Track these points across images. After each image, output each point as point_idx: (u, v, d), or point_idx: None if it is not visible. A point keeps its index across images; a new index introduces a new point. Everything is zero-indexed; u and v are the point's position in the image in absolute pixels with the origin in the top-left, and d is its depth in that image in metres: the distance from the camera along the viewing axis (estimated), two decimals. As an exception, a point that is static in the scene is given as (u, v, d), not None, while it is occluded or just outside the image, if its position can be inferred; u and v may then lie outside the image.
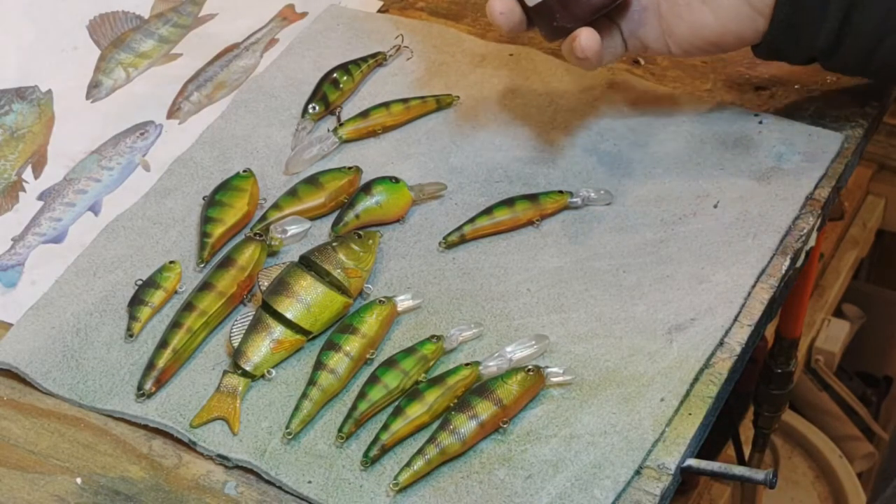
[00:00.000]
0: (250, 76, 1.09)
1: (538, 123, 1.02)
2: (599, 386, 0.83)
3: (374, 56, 1.09)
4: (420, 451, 0.79)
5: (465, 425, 0.79)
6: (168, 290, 0.90)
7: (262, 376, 0.85)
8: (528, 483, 0.78)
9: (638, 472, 0.79)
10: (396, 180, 0.96)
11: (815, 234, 0.94)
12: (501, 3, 0.89)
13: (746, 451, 1.47)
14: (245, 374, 0.84)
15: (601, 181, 0.97)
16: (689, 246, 0.92)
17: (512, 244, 0.93)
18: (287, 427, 0.81)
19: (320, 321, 0.86)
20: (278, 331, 0.86)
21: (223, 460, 0.81)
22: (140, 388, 0.84)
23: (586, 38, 0.87)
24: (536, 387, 0.83)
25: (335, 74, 1.06)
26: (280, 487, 0.80)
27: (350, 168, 0.98)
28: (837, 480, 1.83)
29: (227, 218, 0.94)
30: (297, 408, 0.82)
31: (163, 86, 1.09)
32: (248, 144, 1.02)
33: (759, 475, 0.81)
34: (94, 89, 1.09)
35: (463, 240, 0.94)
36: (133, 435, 0.84)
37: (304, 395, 0.82)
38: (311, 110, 1.04)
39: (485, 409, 0.80)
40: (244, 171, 0.98)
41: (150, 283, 0.90)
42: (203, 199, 0.97)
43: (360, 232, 0.91)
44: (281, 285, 0.86)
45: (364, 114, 1.03)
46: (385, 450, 0.80)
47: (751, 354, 0.88)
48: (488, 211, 0.94)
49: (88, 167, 1.02)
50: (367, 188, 0.95)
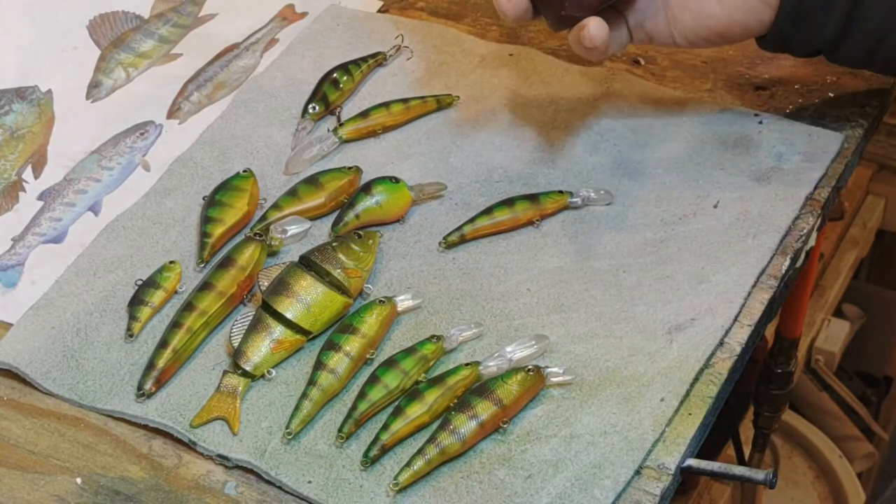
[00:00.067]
0: (250, 76, 1.09)
1: (538, 123, 1.02)
2: (599, 386, 0.83)
3: (374, 56, 1.09)
4: (420, 451, 0.79)
5: (465, 425, 0.79)
6: (168, 290, 0.90)
7: (262, 376, 0.85)
8: (528, 483, 0.78)
9: (638, 472, 0.79)
10: (396, 180, 0.96)
11: (815, 234, 0.94)
12: None
13: (746, 451, 1.47)
14: (245, 374, 0.84)
15: (601, 181, 0.97)
16: (689, 246, 0.92)
17: (512, 244, 0.93)
18: (287, 427, 0.81)
19: (320, 321, 0.86)
20: (278, 331, 0.86)
21: (223, 460, 0.81)
22: (140, 388, 0.84)
23: (595, 28, 0.87)
24: (536, 387, 0.83)
25: (335, 74, 1.06)
26: (280, 487, 0.80)
27: (350, 168, 0.98)
28: (837, 480, 1.83)
29: (227, 218, 0.94)
30: (297, 408, 0.82)
31: (163, 86, 1.09)
32: (248, 144, 1.02)
33: (759, 475, 0.81)
34: (94, 89, 1.09)
35: (463, 240, 0.94)
36: (133, 435, 0.84)
37: (304, 395, 0.82)
38: (311, 110, 1.03)
39: (485, 409, 0.80)
40: (244, 171, 0.98)
41: (150, 283, 0.90)
42: (203, 199, 0.97)
43: (360, 232, 0.91)
44: (281, 285, 0.86)
45: (364, 114, 1.03)
46: (385, 450, 0.80)
47: (751, 354, 0.88)
48: (488, 211, 0.94)
49: (88, 167, 1.02)
50: (367, 188, 0.95)
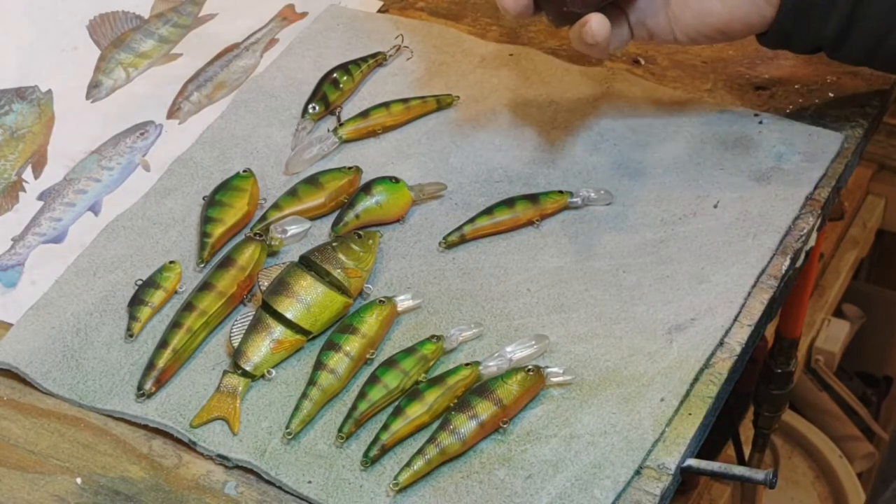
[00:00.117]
0: (250, 76, 1.09)
1: (538, 123, 1.02)
2: (599, 386, 0.83)
3: (374, 56, 1.09)
4: (420, 451, 0.79)
5: (465, 425, 0.79)
6: (168, 290, 0.90)
7: (262, 376, 0.85)
8: (528, 483, 0.78)
9: (638, 472, 0.79)
10: (396, 180, 0.96)
11: (815, 234, 0.94)
12: None
13: (746, 451, 1.47)
14: (245, 374, 0.84)
15: (601, 181, 0.97)
16: (689, 246, 0.92)
17: (512, 244, 0.93)
18: (287, 427, 0.81)
19: (320, 321, 0.86)
20: (278, 331, 0.86)
21: (223, 460, 0.81)
22: (140, 388, 0.84)
23: (597, 24, 0.87)
24: (536, 387, 0.83)
25: (335, 74, 1.06)
26: (280, 487, 0.80)
27: (350, 168, 0.98)
28: (837, 480, 1.83)
29: (227, 218, 0.94)
30: (297, 408, 0.82)
31: (163, 86, 1.09)
32: (248, 144, 1.02)
33: (759, 475, 0.81)
34: (94, 89, 1.09)
35: (463, 240, 0.94)
36: (133, 435, 0.84)
37: (304, 395, 0.82)
38: (311, 110, 1.03)
39: (485, 409, 0.80)
40: (244, 171, 0.98)
41: (150, 283, 0.90)
42: (203, 199, 0.97)
43: (360, 232, 0.91)
44: (281, 285, 0.86)
45: (364, 114, 1.03)
46: (385, 450, 0.80)
47: (751, 354, 0.88)
48: (488, 211, 0.94)
49: (88, 167, 1.02)
50: (367, 188, 0.95)
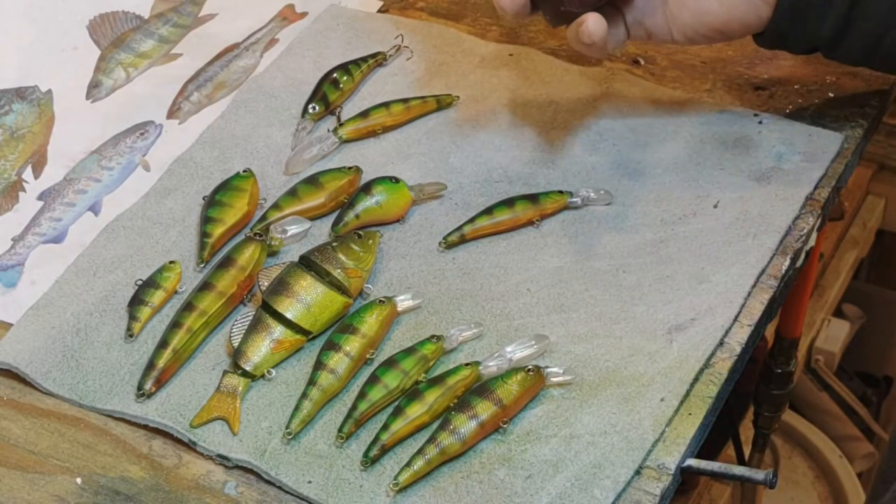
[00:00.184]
0: (250, 76, 1.09)
1: (538, 123, 1.02)
2: (599, 386, 0.83)
3: (374, 56, 1.09)
4: (420, 451, 0.79)
5: (465, 425, 0.79)
6: (168, 290, 0.90)
7: (262, 376, 0.85)
8: (528, 483, 0.78)
9: (638, 472, 0.79)
10: (396, 180, 0.96)
11: (815, 234, 0.94)
12: None
13: (746, 451, 1.47)
14: (245, 374, 0.84)
15: (601, 181, 0.97)
16: (689, 246, 0.92)
17: (512, 244, 0.93)
18: (287, 427, 0.81)
19: (320, 321, 0.86)
20: (278, 331, 0.86)
21: (223, 460, 0.81)
22: (140, 388, 0.84)
23: (594, 23, 0.87)
24: (536, 387, 0.83)
25: (335, 74, 1.06)
26: (280, 487, 0.80)
27: (350, 168, 0.98)
28: (837, 480, 1.83)
29: (227, 218, 0.94)
30: (297, 408, 0.82)
31: (163, 86, 1.09)
32: (248, 144, 1.02)
33: (759, 475, 0.81)
34: (94, 89, 1.09)
35: (463, 240, 0.94)
36: (133, 435, 0.84)
37: (304, 395, 0.82)
38: (311, 110, 1.03)
39: (485, 409, 0.80)
40: (244, 171, 0.98)
41: (150, 283, 0.90)
42: (203, 199, 0.97)
43: (360, 232, 0.91)
44: (281, 285, 0.86)
45: (364, 114, 1.03)
46: (385, 450, 0.80)
47: (751, 354, 0.88)
48: (488, 211, 0.94)
49: (88, 167, 1.02)
50: (367, 188, 0.95)
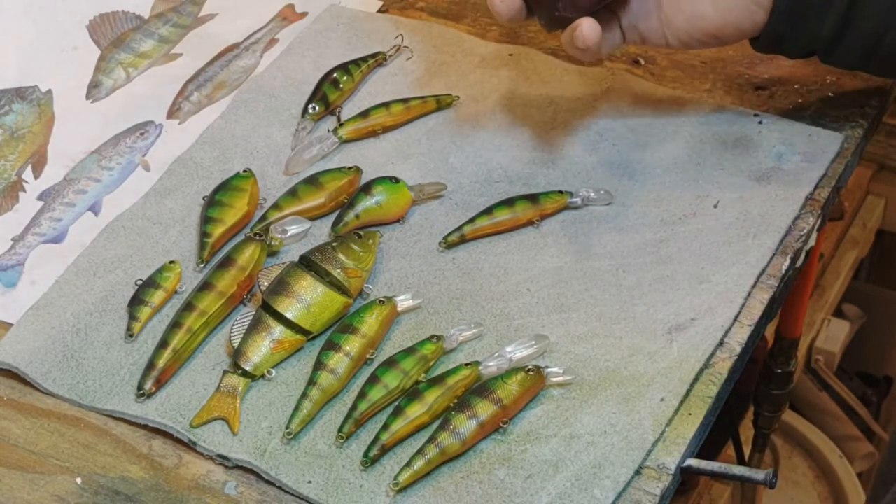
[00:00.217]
0: (250, 76, 1.09)
1: (538, 123, 1.02)
2: (599, 386, 0.83)
3: (374, 56, 1.09)
4: (420, 451, 0.79)
5: (465, 425, 0.79)
6: (168, 290, 0.90)
7: (262, 376, 0.85)
8: (528, 483, 0.78)
9: (638, 472, 0.79)
10: (396, 180, 0.96)
11: (815, 234, 0.94)
12: None
13: (746, 451, 1.47)
14: (245, 374, 0.84)
15: (601, 181, 0.97)
16: (689, 246, 0.92)
17: (512, 244, 0.93)
18: (287, 427, 0.81)
19: (320, 321, 0.86)
20: (278, 331, 0.86)
21: (223, 460, 0.81)
22: (140, 388, 0.84)
23: (588, 28, 0.87)
24: (536, 387, 0.83)
25: (335, 74, 1.06)
26: (280, 487, 0.80)
27: (350, 168, 0.98)
28: (837, 480, 1.83)
29: (227, 218, 0.94)
30: (297, 408, 0.82)
31: (163, 86, 1.09)
32: (248, 144, 1.02)
33: (759, 475, 0.81)
34: (94, 89, 1.09)
35: (463, 240, 0.94)
36: (133, 435, 0.84)
37: (304, 395, 0.82)
38: (311, 110, 1.03)
39: (485, 409, 0.80)
40: (244, 171, 0.98)
41: (150, 283, 0.90)
42: (203, 199, 0.97)
43: (360, 232, 0.91)
44: (281, 285, 0.86)
45: (364, 114, 1.03)
46: (385, 450, 0.80)
47: (751, 354, 0.88)
48: (488, 211, 0.94)
49: (88, 167, 1.02)
50: (367, 188, 0.95)
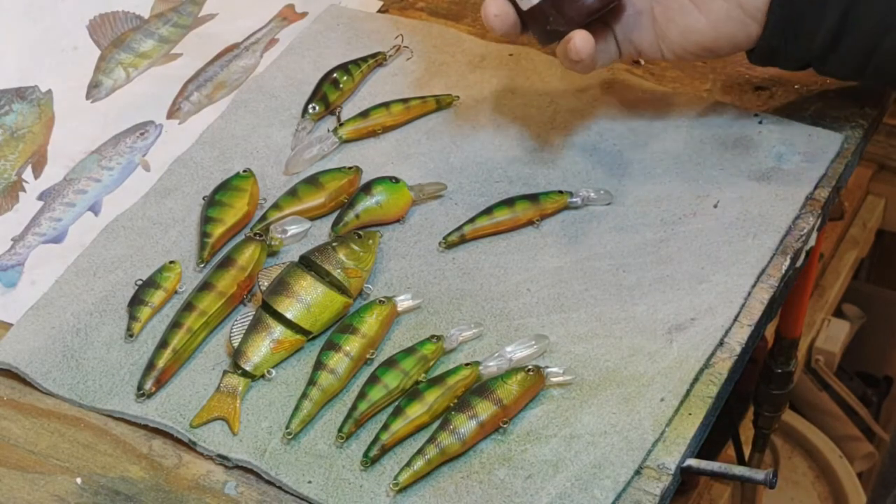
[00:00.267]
0: (250, 76, 1.09)
1: (538, 123, 1.02)
2: (599, 386, 0.83)
3: (374, 56, 1.09)
4: (420, 451, 0.79)
5: (465, 425, 0.79)
6: (168, 290, 0.90)
7: (262, 376, 0.85)
8: (528, 483, 0.78)
9: (638, 472, 0.79)
10: (396, 180, 0.96)
11: (815, 234, 0.94)
12: (495, 6, 0.89)
13: (746, 451, 1.47)
14: (245, 374, 0.84)
15: (601, 181, 0.97)
16: (689, 246, 0.92)
17: (512, 244, 0.93)
18: (287, 427, 0.81)
19: (320, 321, 0.86)
20: (278, 331, 0.86)
21: (223, 460, 0.81)
22: (140, 388, 0.84)
23: (580, 40, 0.87)
24: (536, 387, 0.83)
25: (335, 74, 1.06)
26: (280, 487, 0.80)
27: (350, 168, 0.98)
28: (837, 480, 1.83)
29: (227, 218, 0.94)
30: (297, 408, 0.82)
31: (163, 86, 1.09)
32: (248, 144, 1.02)
33: (759, 475, 0.81)
34: (94, 89, 1.09)
35: (463, 240, 0.94)
36: (133, 435, 0.84)
37: (304, 395, 0.82)
38: (311, 110, 1.03)
39: (485, 409, 0.80)
40: (244, 171, 0.98)
41: (150, 283, 0.90)
42: (203, 199, 0.97)
43: (360, 232, 0.91)
44: (281, 285, 0.86)
45: (364, 114, 1.03)
46: (385, 450, 0.80)
47: (751, 354, 0.88)
48: (488, 211, 0.94)
49: (88, 167, 1.02)
50: (367, 188, 0.95)
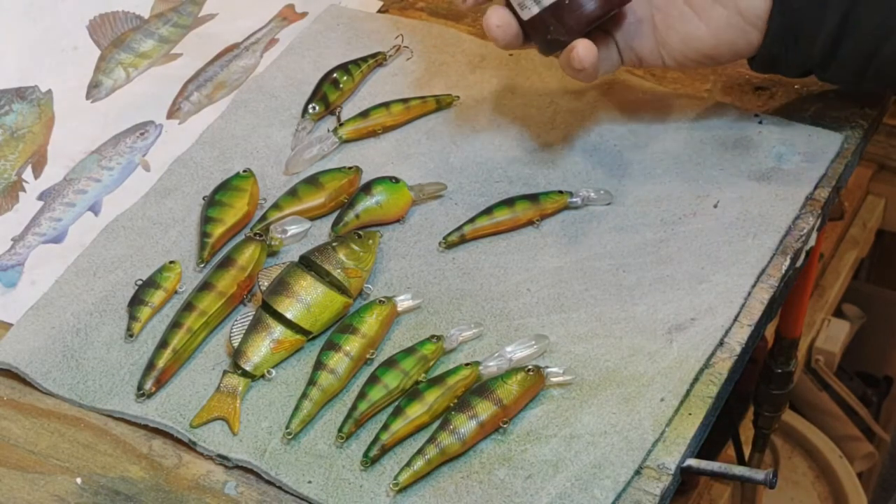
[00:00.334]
0: (250, 76, 1.09)
1: (538, 124, 1.02)
2: (599, 386, 0.83)
3: (374, 56, 1.09)
4: (420, 451, 0.79)
5: (465, 425, 0.79)
6: (168, 290, 0.90)
7: (262, 376, 0.85)
8: (528, 483, 0.78)
9: (638, 472, 0.79)
10: (396, 180, 0.96)
11: (815, 234, 0.94)
12: (497, 17, 0.89)
13: (746, 451, 1.47)
14: (245, 374, 0.84)
15: (601, 181, 0.97)
16: (689, 246, 0.92)
17: (512, 244, 0.93)
18: (287, 427, 0.81)
19: (320, 321, 0.86)
20: (278, 331, 0.86)
21: (223, 460, 0.81)
22: (140, 388, 0.84)
23: (583, 49, 0.87)
24: (536, 387, 0.83)
25: (335, 74, 1.06)
26: (280, 487, 0.80)
27: (350, 168, 0.98)
28: (837, 480, 1.83)
29: (227, 218, 0.94)
30: (297, 408, 0.82)
31: (163, 86, 1.09)
32: (248, 144, 1.02)
33: (759, 475, 0.81)
34: (94, 89, 1.09)
35: (463, 240, 0.94)
36: (133, 435, 0.84)
37: (304, 395, 0.82)
38: (311, 110, 1.04)
39: (485, 409, 0.80)
40: (244, 171, 0.98)
41: (150, 283, 0.90)
42: (203, 199, 0.97)
43: (360, 232, 0.91)
44: (281, 285, 0.86)
45: (364, 114, 1.03)
46: (385, 450, 0.80)
47: (751, 354, 0.88)
48: (488, 211, 0.94)
49: (88, 167, 1.02)
50: (367, 188, 0.95)
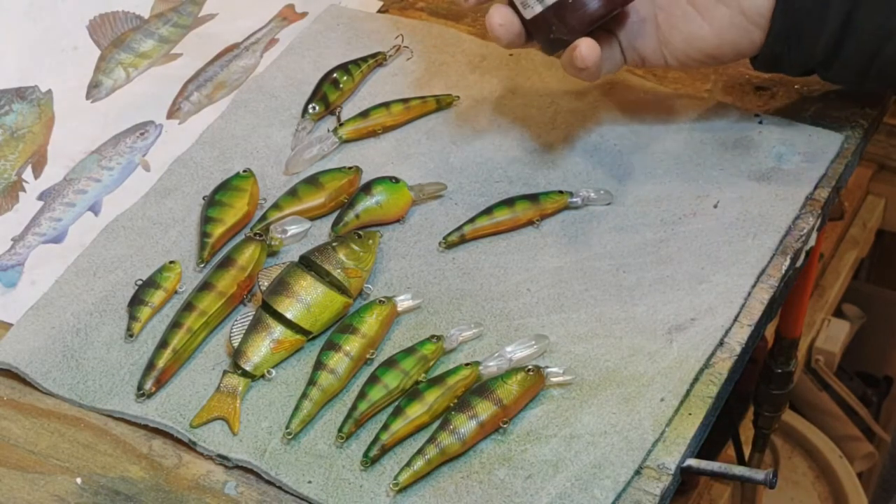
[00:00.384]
0: (250, 76, 1.09)
1: (538, 124, 1.02)
2: (599, 386, 0.83)
3: (374, 56, 1.09)
4: (420, 451, 0.79)
5: (465, 425, 0.79)
6: (168, 290, 0.90)
7: (262, 376, 0.85)
8: (528, 483, 0.78)
9: (638, 472, 0.79)
10: (396, 180, 0.96)
11: (815, 234, 0.94)
12: (500, 16, 0.89)
13: (746, 451, 1.47)
14: (245, 374, 0.84)
15: (601, 181, 0.97)
16: (689, 246, 0.92)
17: (512, 244, 0.93)
18: (287, 427, 0.81)
19: (320, 321, 0.86)
20: (278, 331, 0.86)
21: (223, 460, 0.81)
22: (140, 388, 0.84)
23: (586, 48, 0.87)
24: (536, 387, 0.83)
25: (335, 74, 1.06)
26: (280, 487, 0.80)
27: (350, 168, 0.98)
28: (837, 480, 1.83)
29: (227, 218, 0.94)
30: (297, 408, 0.82)
31: (163, 86, 1.09)
32: (248, 144, 1.02)
33: (759, 475, 0.81)
34: (94, 89, 1.09)
35: (463, 240, 0.94)
36: (133, 435, 0.84)
37: (304, 395, 0.82)
38: (311, 110, 1.04)
39: (485, 409, 0.80)
40: (244, 171, 0.98)
41: (150, 283, 0.90)
42: (203, 199, 0.97)
43: (360, 232, 0.91)
44: (281, 285, 0.86)
45: (364, 114, 1.03)
46: (385, 450, 0.80)
47: (751, 354, 0.88)
48: (488, 211, 0.94)
49: (88, 167, 1.02)
50: (367, 188, 0.95)
